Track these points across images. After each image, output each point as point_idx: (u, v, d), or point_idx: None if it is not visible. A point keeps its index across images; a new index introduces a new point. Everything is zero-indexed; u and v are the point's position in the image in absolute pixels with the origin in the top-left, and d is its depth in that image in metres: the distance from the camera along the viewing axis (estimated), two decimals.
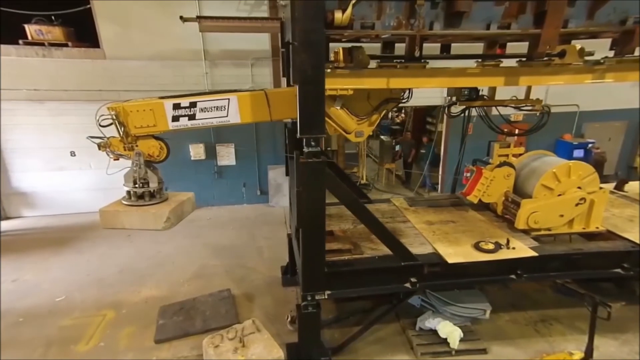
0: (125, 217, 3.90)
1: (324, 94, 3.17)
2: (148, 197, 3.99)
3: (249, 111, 3.91)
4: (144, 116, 3.78)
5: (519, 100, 4.76)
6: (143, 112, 3.78)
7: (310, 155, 3.29)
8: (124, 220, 3.90)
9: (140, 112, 3.78)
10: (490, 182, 4.74)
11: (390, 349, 4.28)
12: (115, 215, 3.91)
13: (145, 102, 3.86)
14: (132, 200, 3.97)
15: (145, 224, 3.91)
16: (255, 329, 3.88)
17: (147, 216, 3.87)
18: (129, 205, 3.95)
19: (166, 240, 7.18)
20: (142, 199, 3.98)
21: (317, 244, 3.59)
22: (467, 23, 3.18)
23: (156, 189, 4.04)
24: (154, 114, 3.80)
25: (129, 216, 3.89)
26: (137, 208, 3.92)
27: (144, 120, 3.79)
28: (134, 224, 3.91)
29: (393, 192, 10.15)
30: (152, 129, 3.87)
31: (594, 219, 4.51)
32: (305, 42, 2.96)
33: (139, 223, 3.92)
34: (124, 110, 3.74)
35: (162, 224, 3.87)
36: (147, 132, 3.88)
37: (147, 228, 3.94)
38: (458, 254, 3.93)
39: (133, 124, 3.80)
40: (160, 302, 5.19)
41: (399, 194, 9.89)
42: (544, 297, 5.17)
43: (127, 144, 3.88)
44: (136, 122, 3.79)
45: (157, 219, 3.87)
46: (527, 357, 4.12)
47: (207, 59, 8.17)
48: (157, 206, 3.96)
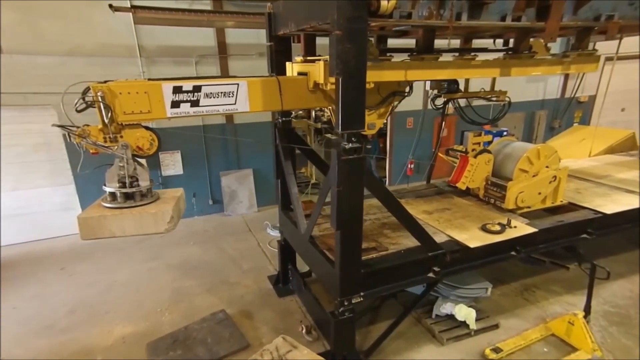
0: (115, 223, 3.06)
1: (365, 86, 3.01)
2: (139, 197, 3.23)
3: (260, 99, 3.48)
4: (137, 100, 3.07)
5: (488, 92, 5.19)
6: (136, 95, 3.06)
7: (352, 152, 3.09)
8: (114, 226, 3.06)
9: (132, 94, 3.05)
10: (475, 168, 5.08)
11: (414, 341, 4.30)
12: (101, 221, 3.03)
13: (138, 82, 3.16)
14: (119, 202, 3.17)
15: (144, 227, 3.13)
16: (290, 346, 3.52)
17: (146, 218, 3.11)
18: (119, 208, 3.14)
19: (117, 267, 6.16)
20: (131, 200, 3.21)
21: (355, 245, 3.42)
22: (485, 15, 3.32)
23: (148, 188, 3.33)
24: (148, 97, 3.11)
25: (121, 221, 3.07)
26: (131, 210, 3.12)
27: (136, 105, 3.08)
28: (128, 230, 3.10)
29: None
30: (146, 116, 3.16)
31: (560, 193, 5.15)
32: (349, 31, 2.75)
33: (135, 228, 3.11)
34: (110, 91, 2.99)
35: (166, 225, 3.14)
36: (138, 119, 3.15)
37: (146, 232, 3.14)
38: (474, 238, 4.11)
39: (122, 109, 3.05)
40: (143, 338, 4.40)
41: None
42: (517, 269, 5.73)
43: (109, 134, 3.10)
44: (126, 106, 3.05)
45: (159, 220, 3.13)
46: (530, 325, 4.51)
47: (143, 55, 7.19)
48: (155, 205, 3.23)
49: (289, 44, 4.42)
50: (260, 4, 7.63)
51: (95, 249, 6.88)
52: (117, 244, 6.98)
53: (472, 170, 5.08)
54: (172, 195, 3.53)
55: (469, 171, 5.10)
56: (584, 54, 4.38)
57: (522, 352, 4.05)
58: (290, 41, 4.42)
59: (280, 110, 3.73)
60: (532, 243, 4.47)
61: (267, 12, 4.25)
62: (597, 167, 7.01)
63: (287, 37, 4.31)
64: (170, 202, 3.32)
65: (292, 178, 4.59)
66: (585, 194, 5.57)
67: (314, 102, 3.80)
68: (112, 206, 3.14)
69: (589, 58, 4.42)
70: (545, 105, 12.47)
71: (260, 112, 3.73)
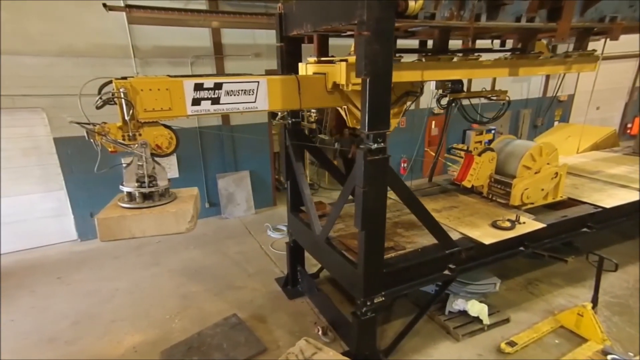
0: (135, 223, 2.99)
1: (390, 87, 3.02)
2: (157, 197, 3.14)
3: (279, 97, 3.47)
4: (158, 97, 3.02)
5: (489, 92, 5.31)
6: (157, 92, 3.00)
7: (377, 152, 3.10)
8: (133, 227, 2.98)
9: (154, 91, 2.99)
10: (480, 167, 5.18)
11: (430, 338, 4.34)
12: (121, 222, 2.96)
13: (160, 79, 3.09)
14: (138, 202, 3.09)
15: (164, 227, 3.06)
16: (315, 348, 3.50)
17: (166, 218, 3.05)
18: (138, 208, 3.06)
19: (117, 275, 5.97)
20: (149, 200, 3.12)
21: (378, 245, 3.43)
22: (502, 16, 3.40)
23: (166, 187, 3.23)
24: (170, 94, 3.06)
25: (141, 221, 3.00)
26: (151, 210, 3.05)
27: (157, 103, 3.02)
28: (148, 231, 3.02)
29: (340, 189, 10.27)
30: (166, 114, 3.11)
31: (560, 189, 5.32)
32: (377, 32, 2.76)
33: (155, 228, 3.04)
34: (132, 87, 2.92)
35: (187, 224, 3.08)
36: (159, 117, 3.10)
37: (167, 232, 3.07)
38: (487, 235, 4.20)
39: (142, 106, 2.99)
40: (155, 347, 4.28)
41: None
42: (518, 263, 5.88)
43: (128, 132, 3.03)
44: (147, 103, 2.99)
45: (180, 220, 3.07)
46: (539, 318, 4.64)
47: (137, 56, 7.00)
48: (175, 204, 3.17)
49: (300, 45, 4.39)
50: (257, 4, 7.60)
51: (90, 256, 6.66)
52: (113, 251, 6.80)
53: (477, 168, 5.19)
54: (189, 194, 3.46)
55: (474, 169, 5.20)
56: (584, 54, 4.54)
57: (535, 344, 4.17)
58: (300, 42, 4.39)
59: (299, 109, 3.70)
60: (539, 238, 4.60)
61: (277, 13, 4.22)
62: (587, 163, 7.28)
63: (298, 38, 4.28)
64: (190, 201, 3.26)
65: (303, 179, 4.57)
66: (582, 189, 5.77)
67: (331, 102, 3.80)
68: (130, 206, 3.06)
69: (589, 58, 4.59)
70: (529, 104, 12.85)
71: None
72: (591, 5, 3.76)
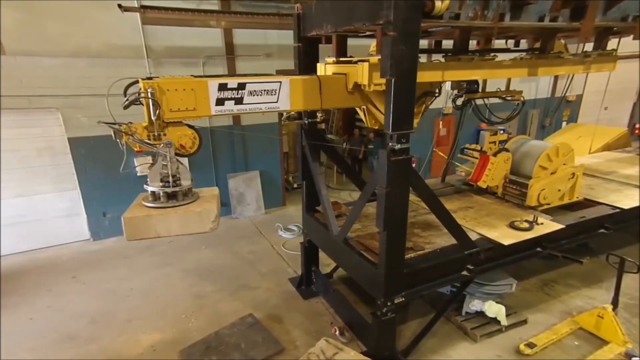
0: (161, 222, 3.03)
1: (415, 88, 3.01)
2: (181, 196, 3.17)
3: (300, 97, 3.48)
4: (184, 97, 3.04)
5: (504, 92, 5.29)
6: (182, 92, 3.03)
7: (401, 153, 3.10)
8: (159, 226, 3.02)
9: (180, 91, 3.02)
10: (495, 167, 5.16)
11: (447, 339, 4.33)
12: (147, 221, 2.99)
13: (185, 79, 3.12)
14: (162, 202, 3.12)
15: (189, 227, 3.10)
16: (336, 348, 3.50)
17: (191, 217, 3.08)
18: (163, 207, 3.09)
19: (131, 275, 5.99)
20: (173, 199, 3.15)
21: (400, 245, 3.43)
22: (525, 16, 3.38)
23: (189, 187, 3.25)
24: (195, 94, 3.08)
25: (166, 220, 3.04)
26: (176, 209, 3.08)
27: (182, 102, 3.05)
28: (173, 230, 3.06)
29: (349, 189, 10.29)
30: (191, 114, 3.13)
31: (577, 190, 5.29)
32: (403, 32, 2.76)
33: (180, 227, 3.08)
34: (159, 88, 2.94)
35: (210, 224, 3.12)
36: (183, 117, 3.12)
37: (191, 232, 3.12)
38: (505, 236, 4.18)
39: (168, 106, 3.02)
40: (173, 346, 4.30)
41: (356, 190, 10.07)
42: (533, 264, 5.84)
43: (153, 132, 3.05)
44: (172, 104, 3.02)
45: (204, 219, 3.11)
46: (556, 319, 4.62)
47: (151, 57, 7.02)
48: (198, 204, 3.20)
49: (317, 45, 4.39)
50: (268, 4, 7.61)
51: (103, 256, 6.70)
52: (125, 251, 6.83)
53: (492, 169, 5.16)
54: (210, 193, 3.47)
55: (489, 170, 5.18)
56: (604, 54, 4.51)
57: (554, 346, 4.15)
58: (318, 42, 4.39)
59: (320, 109, 3.70)
60: (557, 239, 4.57)
61: (295, 13, 4.22)
62: (600, 163, 7.23)
63: (316, 38, 4.28)
64: (213, 201, 3.29)
65: (320, 179, 4.57)
66: (597, 189, 5.74)
67: (351, 102, 3.80)
68: (155, 205, 3.08)
69: (608, 58, 4.56)
70: (537, 104, 12.78)
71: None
72: (614, 5, 3.74)
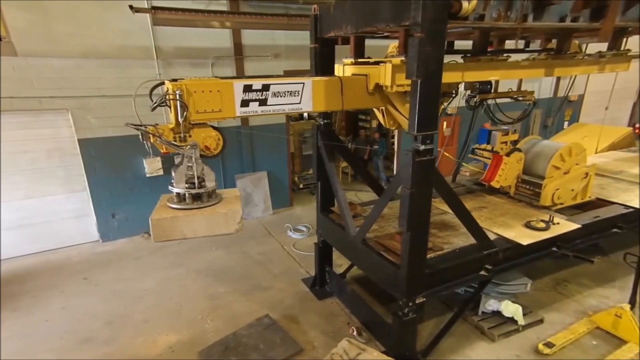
0: (187, 224, 3.03)
1: (440, 89, 3.03)
2: (206, 198, 3.18)
3: (322, 98, 3.51)
4: (210, 98, 3.06)
5: (516, 92, 5.32)
6: (209, 94, 3.05)
7: (425, 153, 3.11)
8: (185, 227, 3.03)
9: (206, 93, 3.04)
10: (508, 167, 5.18)
11: (465, 339, 4.35)
12: (174, 223, 3.00)
13: (211, 81, 3.14)
14: (187, 203, 3.13)
15: (214, 228, 3.10)
16: (358, 349, 3.51)
17: (217, 218, 3.09)
18: (188, 209, 3.09)
19: (143, 276, 5.98)
20: (198, 201, 3.16)
21: (422, 245, 3.44)
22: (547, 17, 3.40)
23: (213, 189, 3.25)
24: (220, 96, 3.10)
25: (192, 222, 3.04)
26: (202, 210, 3.09)
27: (208, 104, 3.06)
28: (199, 231, 3.07)
29: (354, 189, 10.30)
30: (216, 115, 3.15)
31: (589, 189, 5.32)
32: (430, 33, 2.77)
33: (206, 229, 3.09)
34: (186, 89, 2.95)
35: (236, 225, 3.12)
36: (209, 118, 3.14)
37: (217, 233, 3.12)
38: (523, 236, 4.20)
39: (195, 108, 3.03)
40: (191, 347, 4.30)
41: (361, 190, 10.12)
42: (544, 264, 5.85)
43: (179, 133, 3.04)
44: (199, 105, 3.04)
45: (230, 220, 3.11)
46: (572, 318, 4.64)
47: (160, 57, 7.02)
48: (224, 205, 3.20)
49: (334, 46, 4.40)
50: (276, 4, 7.61)
51: (113, 257, 6.69)
52: (135, 252, 6.83)
53: (505, 169, 5.18)
54: (233, 195, 3.49)
55: (502, 170, 5.19)
56: (618, 54, 4.54)
57: (572, 345, 4.17)
58: (334, 43, 4.39)
59: (341, 109, 3.71)
60: (572, 239, 4.60)
61: (312, 15, 4.22)
62: (608, 163, 7.27)
63: (333, 39, 4.28)
64: (237, 202, 3.29)
65: (337, 180, 4.58)
66: (608, 189, 5.77)
67: (371, 103, 3.81)
68: (181, 207, 3.09)
69: (622, 58, 4.59)
70: (540, 104, 12.81)
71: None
72: (633, 5, 3.76)
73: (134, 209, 7.37)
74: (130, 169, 7.17)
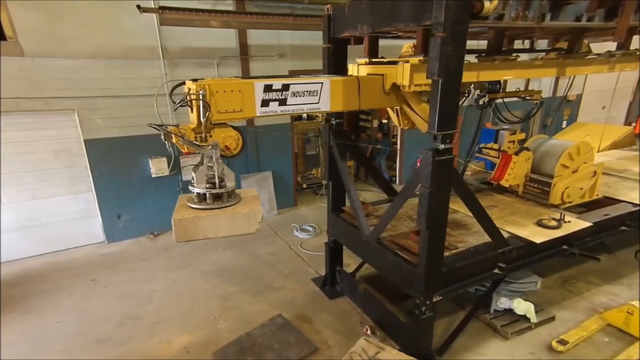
0: (209, 224, 3.04)
1: (460, 88, 3.05)
2: (226, 198, 3.19)
3: (340, 98, 3.52)
4: (231, 98, 3.06)
5: (524, 92, 5.35)
6: (231, 94, 3.05)
7: (445, 153, 3.13)
8: (207, 227, 3.04)
9: (228, 93, 3.04)
10: (517, 166, 5.22)
11: (478, 337, 4.37)
12: (196, 223, 3.00)
13: (233, 81, 3.14)
14: (208, 203, 3.13)
15: (236, 228, 3.11)
16: (377, 347, 3.52)
17: (238, 218, 3.10)
18: (210, 209, 3.09)
19: (151, 277, 5.96)
20: (219, 201, 3.16)
21: (440, 244, 3.46)
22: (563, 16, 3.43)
23: (233, 189, 3.26)
24: (242, 96, 3.10)
25: (214, 222, 3.05)
26: (224, 210, 3.10)
27: (229, 104, 3.07)
28: (221, 231, 3.08)
29: (357, 188, 10.27)
30: (237, 115, 3.16)
31: (597, 188, 5.37)
32: (452, 33, 2.79)
33: (227, 229, 3.10)
34: (209, 89, 2.95)
35: (257, 225, 3.16)
36: (230, 118, 3.14)
37: (238, 233, 3.14)
38: (536, 234, 4.23)
39: (216, 108, 3.03)
40: (205, 347, 4.29)
41: (364, 190, 10.15)
42: (551, 262, 5.82)
43: (200, 133, 3.05)
44: (221, 105, 3.04)
45: (251, 220, 3.13)
46: (583, 316, 4.68)
47: (166, 58, 6.99)
48: (244, 205, 3.20)
49: (346, 46, 4.41)
50: (281, 4, 7.61)
51: (119, 258, 6.66)
52: (140, 254, 6.80)
53: (514, 168, 5.22)
54: (251, 194, 3.49)
55: (511, 169, 5.24)
56: (628, 53, 4.58)
57: (585, 343, 4.20)
58: (347, 43, 4.40)
59: (358, 109, 3.73)
60: (583, 237, 4.64)
61: (326, 15, 4.23)
62: (612, 162, 7.34)
63: (346, 39, 4.29)
64: (257, 202, 3.30)
65: (349, 179, 4.59)
66: (615, 187, 5.83)
67: (387, 103, 3.83)
68: (202, 207, 3.09)
69: (631, 57, 4.64)
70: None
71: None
72: None
73: (139, 210, 7.35)
74: (136, 170, 7.14)
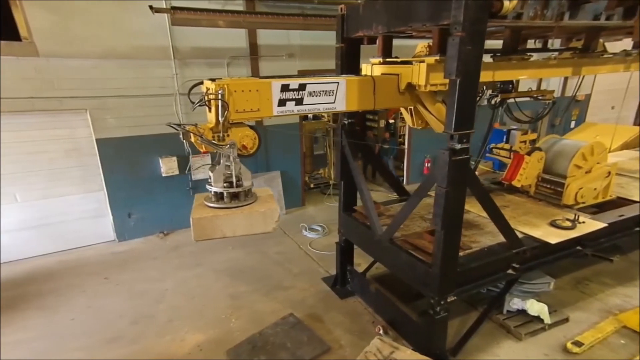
0: (227, 223, 3.06)
1: (477, 88, 3.04)
2: (243, 197, 3.20)
3: (356, 98, 3.53)
4: (249, 98, 3.09)
5: (536, 92, 5.32)
6: (248, 93, 3.08)
7: (462, 153, 3.12)
8: (225, 226, 3.06)
9: (246, 92, 3.06)
10: (529, 166, 5.19)
11: (491, 337, 4.35)
12: (214, 222, 3.02)
13: (250, 81, 3.17)
14: (226, 203, 3.14)
15: (253, 227, 3.13)
16: (391, 347, 3.52)
17: (255, 217, 3.12)
18: (227, 208, 3.11)
19: (163, 276, 6.00)
20: (236, 200, 3.18)
21: (455, 244, 3.45)
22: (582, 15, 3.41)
23: (250, 188, 3.28)
24: (259, 95, 3.12)
25: (232, 221, 3.07)
26: (242, 209, 3.11)
27: (247, 104, 3.09)
28: (239, 230, 3.10)
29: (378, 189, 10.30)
30: (255, 114, 3.18)
31: (610, 188, 5.32)
32: (471, 33, 2.78)
33: (245, 228, 3.11)
34: (228, 89, 2.98)
35: (274, 223, 3.17)
36: (247, 117, 3.17)
37: (255, 232, 3.16)
38: (550, 234, 4.21)
39: (234, 107, 3.05)
40: (219, 345, 4.31)
41: (372, 189, 10.11)
42: (564, 262, 5.78)
43: (218, 133, 3.07)
44: (239, 104, 3.06)
45: (268, 219, 3.14)
46: (597, 317, 4.65)
47: (177, 57, 7.03)
48: (261, 204, 3.22)
49: (359, 46, 4.41)
50: (291, 4, 7.62)
51: (130, 257, 6.70)
52: (152, 252, 6.84)
53: (526, 168, 5.19)
54: (266, 193, 3.51)
55: (523, 169, 5.21)
56: None
57: (600, 344, 4.17)
58: (360, 43, 4.40)
59: (373, 109, 3.73)
60: (597, 237, 4.60)
61: (339, 14, 4.24)
62: (624, 162, 7.25)
63: (359, 39, 4.29)
64: (273, 201, 3.31)
65: (362, 179, 4.59)
66: (628, 188, 5.78)
67: (401, 102, 3.83)
68: (220, 206, 3.10)
69: None
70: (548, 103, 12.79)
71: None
72: None
73: (149, 209, 7.39)
74: (146, 169, 7.18)
